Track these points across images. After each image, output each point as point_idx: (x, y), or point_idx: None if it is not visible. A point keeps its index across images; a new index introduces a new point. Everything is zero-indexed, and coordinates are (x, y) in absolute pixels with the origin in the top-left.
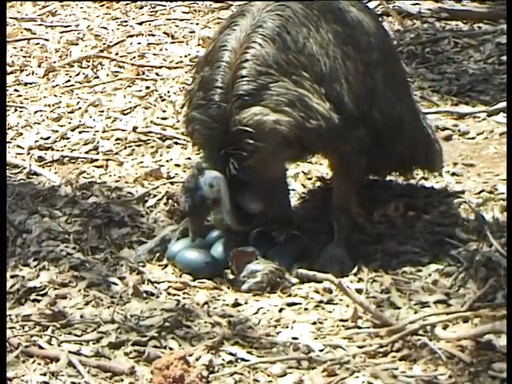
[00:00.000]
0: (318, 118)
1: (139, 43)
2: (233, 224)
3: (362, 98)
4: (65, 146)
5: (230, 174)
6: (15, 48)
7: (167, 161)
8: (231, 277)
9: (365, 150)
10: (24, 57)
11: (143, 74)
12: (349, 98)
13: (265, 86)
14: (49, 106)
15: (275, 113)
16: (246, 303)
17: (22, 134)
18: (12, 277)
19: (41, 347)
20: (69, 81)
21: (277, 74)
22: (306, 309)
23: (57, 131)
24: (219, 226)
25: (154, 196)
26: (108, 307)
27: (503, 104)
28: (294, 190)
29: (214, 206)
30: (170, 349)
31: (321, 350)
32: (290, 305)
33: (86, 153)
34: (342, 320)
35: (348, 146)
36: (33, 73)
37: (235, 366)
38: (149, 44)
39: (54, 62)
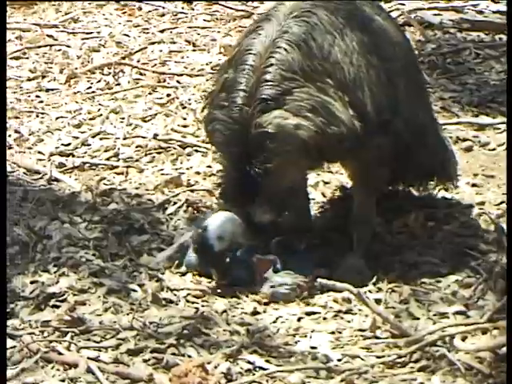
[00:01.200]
0: (340, 125)
1: (161, 51)
2: (249, 239)
3: (384, 106)
4: (85, 152)
5: (245, 179)
6: (37, 54)
7: (187, 168)
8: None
9: (386, 160)
10: (46, 63)
11: (164, 81)
12: (371, 107)
13: (288, 91)
14: (70, 112)
15: (296, 117)
16: (264, 312)
17: (43, 140)
18: (32, 282)
19: (60, 353)
20: (90, 87)
21: (301, 79)
22: (324, 318)
23: (78, 138)
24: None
25: (174, 203)
26: (127, 314)
27: None
28: (313, 199)
29: (228, 251)
30: (189, 356)
31: (339, 360)
32: (308, 314)
33: (107, 159)
34: (360, 330)
35: (369, 153)
36: (54, 79)
37: (253, 374)
38: (170, 51)
39: (76, 69)
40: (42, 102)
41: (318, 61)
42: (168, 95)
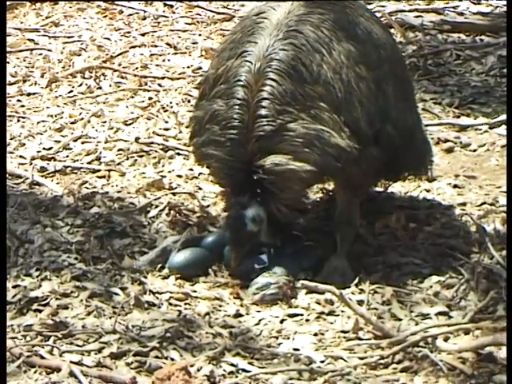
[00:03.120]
0: (338, 153)
1: (142, 54)
2: (269, 239)
3: (375, 117)
4: (67, 156)
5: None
6: (18, 58)
7: (169, 171)
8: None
9: (375, 167)
10: (27, 67)
11: (146, 84)
12: (364, 121)
13: (284, 127)
14: (51, 116)
15: (295, 160)
16: (247, 314)
17: (24, 144)
18: (14, 287)
19: (42, 357)
20: (71, 91)
21: (295, 111)
22: (307, 320)
23: (59, 141)
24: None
25: (156, 206)
26: (110, 317)
27: (505, 116)
28: None
29: (257, 237)
30: (172, 359)
31: (322, 362)
32: (291, 316)
33: (89, 163)
34: (343, 331)
35: (358, 167)
36: (35, 83)
37: (236, 376)
38: (151, 55)
39: (57, 73)
40: (23, 106)
41: (309, 86)
42: (149, 98)
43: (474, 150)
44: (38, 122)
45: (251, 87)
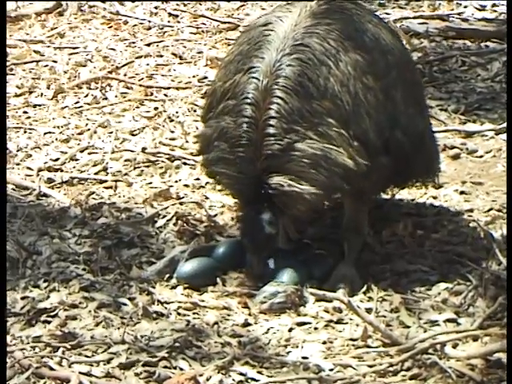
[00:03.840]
0: (345, 172)
1: (147, 64)
2: (284, 243)
3: (383, 126)
4: (74, 167)
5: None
6: (24, 70)
7: (176, 181)
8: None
9: (384, 175)
10: (33, 79)
11: (151, 94)
12: (373, 132)
13: (291, 146)
14: (58, 127)
15: (301, 181)
16: (255, 323)
17: (31, 155)
18: (22, 298)
19: (51, 368)
20: (77, 102)
21: (302, 129)
22: (315, 328)
23: (66, 152)
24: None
25: (164, 216)
26: (118, 328)
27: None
28: None
29: (275, 240)
30: (181, 369)
31: (331, 370)
32: (299, 324)
33: (95, 174)
34: (351, 339)
35: (368, 179)
36: (42, 94)
37: None
38: (157, 65)
39: (63, 84)
40: (29, 117)
41: (317, 101)
42: (155, 108)
43: (481, 156)
44: (45, 134)
45: (259, 105)
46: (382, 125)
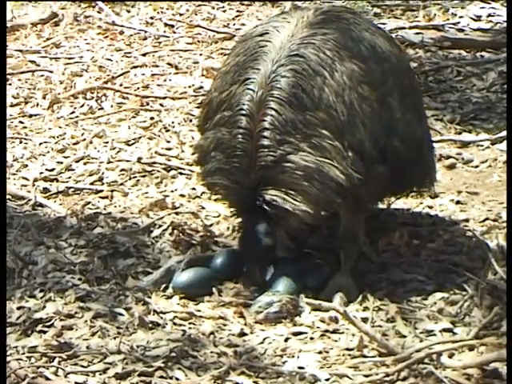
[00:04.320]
0: (338, 186)
1: (143, 74)
2: (283, 252)
3: (379, 135)
4: (70, 177)
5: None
6: (20, 80)
7: (172, 191)
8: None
9: (382, 186)
10: (29, 89)
11: (147, 104)
12: (368, 141)
13: (285, 158)
14: (53, 137)
15: (295, 198)
16: (251, 333)
17: (27, 165)
18: (18, 308)
19: (47, 378)
20: (73, 112)
21: (296, 141)
22: (311, 338)
23: (61, 163)
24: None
25: (160, 226)
26: (114, 338)
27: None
28: None
29: (273, 250)
30: (177, 379)
31: (327, 380)
32: (295, 334)
33: (91, 184)
34: (347, 349)
35: (365, 188)
36: (37, 105)
37: None
38: (153, 75)
39: (59, 94)
40: (25, 127)
41: (311, 112)
42: (151, 118)
43: (476, 166)
44: (41, 144)
45: (253, 116)
46: (378, 134)
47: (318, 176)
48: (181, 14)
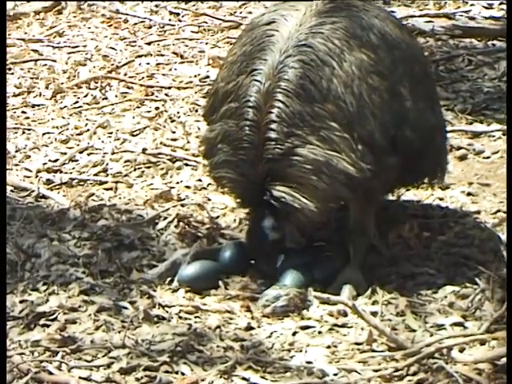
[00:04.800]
0: (347, 179)
1: (148, 63)
2: (292, 243)
3: (389, 125)
4: (73, 168)
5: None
6: (22, 69)
7: (177, 182)
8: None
9: (393, 177)
10: (31, 78)
11: (152, 94)
12: (378, 132)
13: (292, 151)
14: (57, 127)
15: (303, 194)
16: (258, 327)
17: (29, 156)
18: (21, 302)
19: (51, 373)
20: (77, 102)
21: (303, 134)
22: (320, 332)
23: (65, 153)
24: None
25: (165, 218)
26: (119, 332)
27: None
28: None
29: (281, 243)
30: (182, 374)
31: (335, 374)
32: (303, 328)
33: (95, 175)
34: (356, 343)
35: (376, 180)
36: (40, 94)
37: None
38: (158, 64)
39: (62, 84)
40: (28, 117)
41: (319, 104)
42: (156, 108)
43: (488, 157)
44: (44, 134)
45: (261, 108)
46: (388, 124)
47: (327, 169)
48: (186, 2)
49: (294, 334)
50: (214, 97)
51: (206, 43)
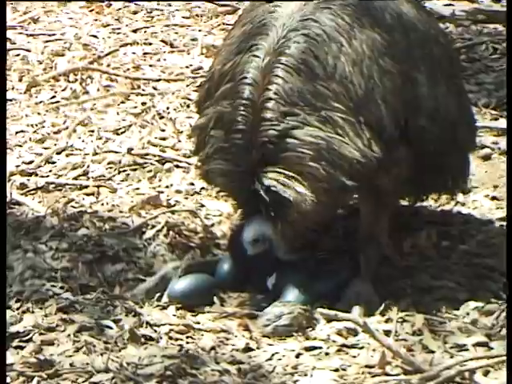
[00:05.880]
0: (350, 166)
1: (134, 53)
2: (283, 255)
3: (400, 113)
4: (50, 171)
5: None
6: None
7: (167, 186)
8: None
9: (404, 174)
10: None
11: (139, 88)
12: (389, 120)
13: (289, 132)
14: (32, 125)
15: (297, 182)
16: (258, 348)
17: None
18: None
19: None
20: (54, 97)
21: (302, 113)
22: (327, 353)
23: (41, 154)
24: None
25: (153, 227)
26: (101, 354)
27: None
28: None
29: (266, 256)
30: None
31: None
32: (308, 349)
33: (75, 179)
34: (368, 366)
35: (387, 175)
36: (13, 88)
37: None
38: (145, 54)
39: (37, 76)
40: None
41: (322, 82)
42: (143, 104)
43: None
44: (17, 133)
45: (258, 85)
46: (400, 112)
47: (328, 154)
48: None
49: (298, 355)
50: (209, 82)
51: (199, 30)
